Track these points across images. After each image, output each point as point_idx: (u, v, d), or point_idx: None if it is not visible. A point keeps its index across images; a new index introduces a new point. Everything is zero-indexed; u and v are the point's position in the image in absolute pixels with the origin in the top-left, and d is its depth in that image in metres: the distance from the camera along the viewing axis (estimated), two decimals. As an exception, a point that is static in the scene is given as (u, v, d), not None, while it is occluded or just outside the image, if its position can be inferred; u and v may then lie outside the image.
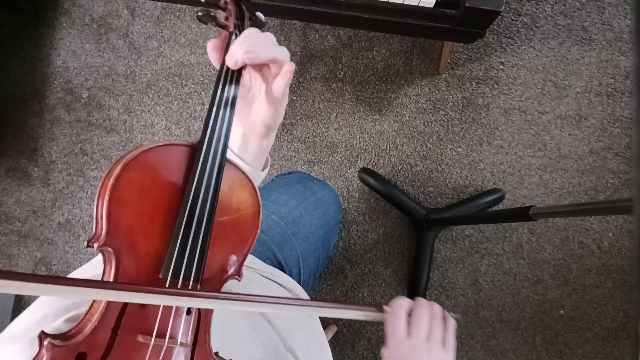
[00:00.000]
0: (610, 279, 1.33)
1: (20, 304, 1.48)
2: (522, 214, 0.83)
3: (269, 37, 0.44)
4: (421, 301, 0.47)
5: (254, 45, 0.42)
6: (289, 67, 0.43)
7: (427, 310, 0.46)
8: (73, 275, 0.48)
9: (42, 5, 1.49)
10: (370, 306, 0.45)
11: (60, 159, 1.49)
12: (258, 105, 0.49)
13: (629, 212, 0.81)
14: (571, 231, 1.34)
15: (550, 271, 1.34)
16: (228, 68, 0.45)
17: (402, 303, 0.46)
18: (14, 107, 1.50)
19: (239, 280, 0.43)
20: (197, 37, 1.45)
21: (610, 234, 1.33)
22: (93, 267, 0.50)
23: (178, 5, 1.45)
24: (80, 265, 0.49)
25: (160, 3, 1.46)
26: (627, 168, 1.33)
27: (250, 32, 0.43)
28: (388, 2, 0.90)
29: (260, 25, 0.50)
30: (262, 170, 0.55)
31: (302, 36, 1.42)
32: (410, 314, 0.46)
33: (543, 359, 1.34)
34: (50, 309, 0.39)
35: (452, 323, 0.48)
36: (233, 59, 0.43)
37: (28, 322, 0.39)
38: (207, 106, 1.44)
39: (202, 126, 0.43)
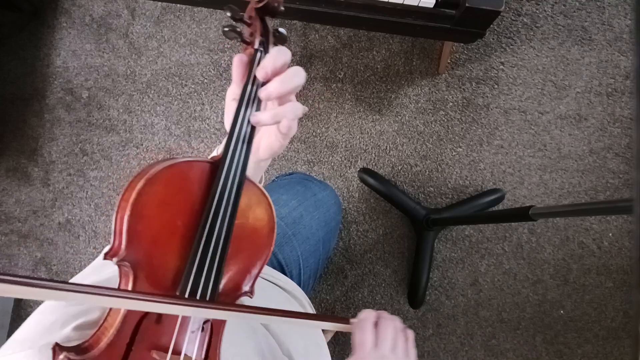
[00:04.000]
0: (610, 279, 1.33)
1: (20, 303, 1.48)
2: (522, 214, 0.83)
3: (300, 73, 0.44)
4: (385, 314, 0.49)
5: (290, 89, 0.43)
6: (288, 123, 0.44)
7: (391, 323, 0.48)
8: (76, 279, 0.48)
9: (42, 5, 1.49)
10: (339, 318, 0.46)
11: (60, 159, 1.49)
12: (265, 132, 0.48)
13: (629, 212, 0.81)
14: (571, 231, 1.34)
15: (550, 271, 1.34)
16: (252, 87, 0.44)
17: (369, 315, 0.48)
18: (14, 107, 1.50)
19: (251, 297, 0.43)
20: (197, 37, 1.45)
21: (610, 234, 1.33)
22: (94, 269, 0.50)
23: (178, 5, 1.45)
24: (80, 265, 0.49)
25: (160, 3, 1.46)
26: (627, 168, 1.33)
27: (292, 72, 0.43)
28: (388, 2, 0.90)
29: (283, 41, 0.49)
30: None
31: (302, 36, 1.42)
32: (375, 325, 0.48)
33: (543, 359, 1.34)
34: (59, 315, 0.39)
35: (411, 335, 0.50)
36: (271, 94, 0.43)
37: (37, 328, 0.39)
38: (207, 106, 1.45)
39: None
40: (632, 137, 1.33)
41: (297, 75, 0.43)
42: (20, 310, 1.48)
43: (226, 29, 0.45)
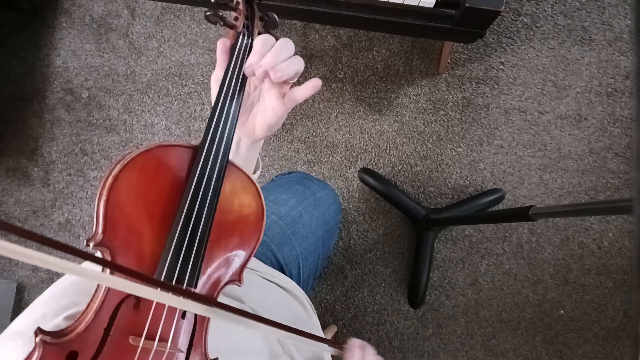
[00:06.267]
0: (610, 279, 1.32)
1: (20, 304, 1.48)
2: (522, 214, 0.83)
3: (289, 47, 0.43)
4: (365, 342, 0.58)
5: (280, 63, 0.42)
6: (318, 83, 0.44)
7: (372, 350, 0.56)
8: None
9: (42, 5, 1.49)
10: (334, 342, 0.51)
11: (60, 159, 1.49)
12: (261, 110, 0.48)
13: (629, 212, 0.81)
14: (571, 231, 1.34)
15: (550, 271, 1.34)
16: (234, 71, 0.44)
17: (357, 342, 0.56)
18: (14, 107, 1.50)
19: (239, 286, 0.42)
20: (197, 37, 1.45)
21: (610, 234, 1.33)
22: (91, 263, 0.50)
23: (178, 5, 1.45)
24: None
25: (160, 3, 1.46)
26: (627, 168, 1.33)
27: (277, 46, 0.43)
28: (388, 2, 0.90)
29: (273, 26, 0.49)
30: (254, 173, 0.55)
31: (302, 36, 1.42)
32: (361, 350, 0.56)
33: (543, 359, 1.34)
34: (50, 308, 0.40)
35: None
36: (259, 71, 0.42)
37: (27, 321, 0.39)
38: (207, 106, 1.45)
39: (203, 126, 0.43)
40: (632, 137, 1.33)
41: (286, 49, 0.43)
42: (20, 311, 1.48)
43: (208, 13, 0.45)
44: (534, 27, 1.36)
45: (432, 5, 0.89)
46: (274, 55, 0.43)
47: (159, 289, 0.34)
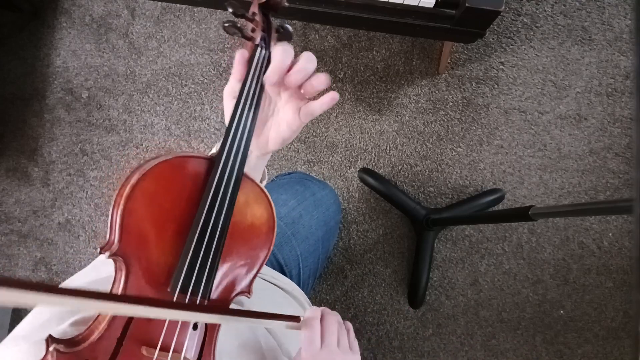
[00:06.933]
0: (610, 279, 1.33)
1: (20, 304, 1.48)
2: (522, 214, 0.83)
3: (313, 60, 0.44)
4: (327, 310, 0.49)
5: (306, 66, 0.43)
6: (335, 96, 0.44)
7: (334, 318, 0.48)
8: (75, 278, 0.48)
9: (42, 5, 1.49)
10: (290, 317, 0.44)
11: (60, 159, 1.49)
12: (275, 124, 0.48)
13: (629, 212, 0.81)
14: (571, 231, 1.34)
15: (550, 271, 1.34)
16: (251, 84, 0.44)
17: (316, 314, 0.48)
18: (14, 107, 1.50)
19: (249, 297, 0.42)
20: (197, 37, 1.45)
21: (610, 234, 1.33)
22: (94, 267, 0.50)
23: (178, 5, 1.45)
24: (80, 265, 0.50)
25: (160, 3, 1.46)
26: (627, 168, 1.33)
27: (306, 56, 0.43)
28: (388, 2, 0.90)
29: (287, 38, 0.49)
30: (260, 182, 0.55)
31: (302, 36, 1.42)
32: (321, 321, 0.48)
33: (543, 359, 1.34)
34: (54, 313, 0.39)
35: (351, 327, 0.51)
36: (291, 79, 0.42)
37: (32, 325, 0.39)
38: (207, 106, 1.45)
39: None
40: (632, 137, 1.33)
41: (310, 62, 0.43)
42: (20, 310, 1.48)
43: (226, 25, 0.44)
44: (534, 27, 1.36)
45: (432, 5, 0.89)
46: (304, 64, 0.43)
47: (171, 309, 0.34)
